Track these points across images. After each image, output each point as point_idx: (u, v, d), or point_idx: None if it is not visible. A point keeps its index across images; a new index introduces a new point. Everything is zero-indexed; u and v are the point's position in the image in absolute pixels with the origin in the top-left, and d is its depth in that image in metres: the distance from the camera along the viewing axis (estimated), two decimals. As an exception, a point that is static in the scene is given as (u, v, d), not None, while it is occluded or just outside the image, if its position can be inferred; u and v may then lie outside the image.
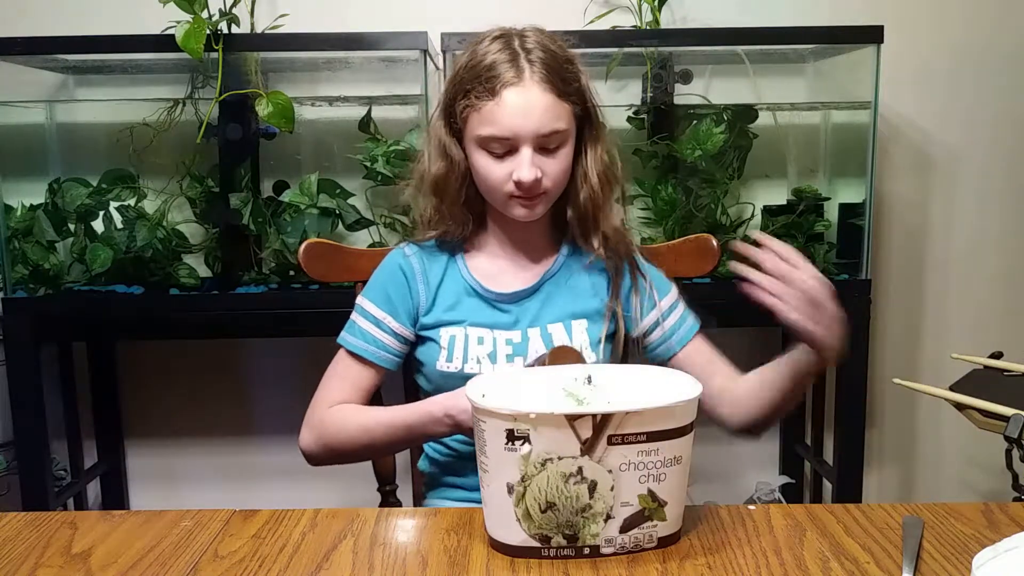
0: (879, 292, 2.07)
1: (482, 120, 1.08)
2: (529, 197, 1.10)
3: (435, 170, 1.15)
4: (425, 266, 1.19)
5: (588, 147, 1.15)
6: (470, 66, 1.09)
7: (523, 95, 1.06)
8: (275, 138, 1.85)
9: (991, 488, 2.13)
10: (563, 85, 1.08)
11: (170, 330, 1.81)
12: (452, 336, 1.15)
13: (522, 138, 1.07)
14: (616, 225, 1.19)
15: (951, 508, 0.91)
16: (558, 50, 1.10)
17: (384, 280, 1.19)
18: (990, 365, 1.35)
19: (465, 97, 1.09)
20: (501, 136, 1.07)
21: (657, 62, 1.85)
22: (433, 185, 1.16)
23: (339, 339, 1.18)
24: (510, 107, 1.06)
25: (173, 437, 2.11)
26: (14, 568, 0.82)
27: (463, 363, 1.15)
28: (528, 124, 1.06)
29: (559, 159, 1.10)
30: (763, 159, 1.90)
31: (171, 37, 1.60)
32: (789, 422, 2.10)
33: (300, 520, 0.91)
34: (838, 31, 1.77)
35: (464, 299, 1.18)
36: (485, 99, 1.07)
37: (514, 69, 1.07)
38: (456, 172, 1.14)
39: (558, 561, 0.81)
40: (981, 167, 2.06)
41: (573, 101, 1.10)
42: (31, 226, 1.78)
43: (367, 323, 1.17)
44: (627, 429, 0.78)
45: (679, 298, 1.22)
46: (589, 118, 1.15)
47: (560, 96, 1.08)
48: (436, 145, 1.15)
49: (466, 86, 1.09)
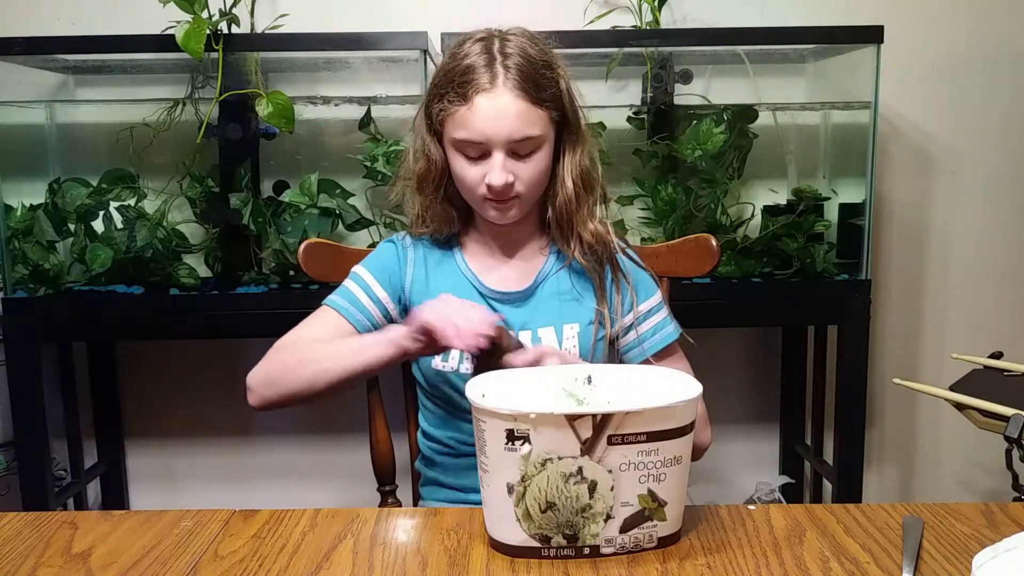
0: (879, 292, 2.07)
1: (456, 124, 1.09)
2: (501, 200, 1.10)
3: (418, 168, 1.17)
4: (423, 252, 1.21)
5: (566, 151, 1.15)
6: (447, 69, 1.10)
7: (495, 101, 1.06)
8: (275, 138, 1.85)
9: (991, 488, 2.13)
10: (538, 91, 1.08)
11: (170, 330, 1.81)
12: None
13: (494, 143, 1.07)
14: (595, 228, 1.18)
15: (951, 508, 0.91)
16: (538, 54, 1.10)
17: (380, 256, 1.21)
18: (990, 365, 1.35)
19: (440, 100, 1.10)
20: (473, 140, 1.08)
21: (657, 62, 1.85)
22: (417, 183, 1.17)
23: (325, 300, 1.18)
24: (482, 113, 1.06)
25: (173, 437, 2.11)
26: (14, 568, 0.82)
27: (459, 363, 1.15)
28: (499, 130, 1.07)
29: (533, 164, 1.10)
30: (763, 159, 1.90)
31: (171, 37, 1.60)
32: (789, 422, 2.10)
33: (300, 520, 0.91)
34: (838, 31, 1.77)
35: (459, 292, 1.16)
36: (458, 104, 1.07)
37: (488, 74, 1.07)
38: (435, 171, 1.15)
39: (558, 561, 0.81)
40: (981, 167, 2.06)
41: (549, 107, 1.10)
42: (31, 226, 1.78)
43: (355, 286, 1.17)
44: (627, 429, 0.78)
45: (661, 305, 1.21)
46: (568, 123, 1.14)
47: (534, 103, 1.08)
48: (419, 144, 1.16)
49: (442, 90, 1.10)
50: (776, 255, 1.84)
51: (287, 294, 1.78)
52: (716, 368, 2.10)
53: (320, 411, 2.05)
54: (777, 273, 1.84)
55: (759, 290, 1.81)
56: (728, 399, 2.12)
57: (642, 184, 1.85)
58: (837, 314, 1.82)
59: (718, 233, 1.75)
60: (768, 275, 1.84)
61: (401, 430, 1.36)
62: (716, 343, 2.08)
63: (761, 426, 2.13)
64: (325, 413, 2.05)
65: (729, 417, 2.12)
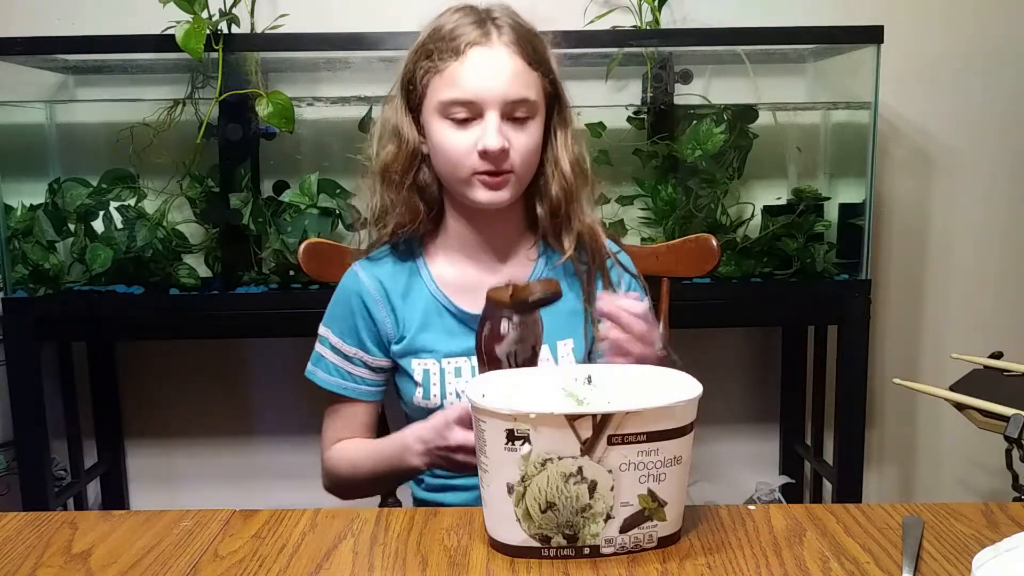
0: (879, 292, 2.07)
1: (444, 82, 1.00)
2: (495, 174, 1.00)
3: (383, 156, 1.07)
4: (384, 285, 1.10)
5: (557, 131, 1.07)
6: (432, 31, 1.02)
7: (490, 55, 0.98)
8: (275, 138, 1.85)
9: (991, 488, 2.13)
10: (533, 53, 1.01)
11: (170, 330, 1.81)
12: (426, 370, 1.08)
13: (488, 102, 0.98)
14: (590, 224, 1.11)
15: (951, 508, 0.91)
16: (525, 23, 1.04)
17: (344, 312, 1.11)
18: (990, 365, 1.35)
19: (428, 59, 1.01)
20: (464, 99, 0.99)
21: (657, 62, 1.84)
22: (381, 172, 1.08)
23: (308, 373, 1.13)
24: (475, 67, 0.98)
25: (173, 437, 2.11)
26: (14, 568, 0.81)
27: (441, 398, 1.08)
28: (495, 86, 0.98)
29: (528, 133, 1.01)
30: (763, 159, 1.90)
31: (171, 37, 1.60)
32: (789, 422, 2.10)
33: (300, 520, 0.91)
34: (838, 31, 1.77)
35: (433, 319, 1.09)
36: (448, 59, 0.99)
37: (480, 31, 1.00)
38: (405, 153, 1.05)
39: (558, 561, 0.81)
40: (981, 167, 2.05)
41: (543, 73, 1.02)
42: (31, 226, 1.78)
43: (337, 358, 1.11)
44: (627, 429, 0.78)
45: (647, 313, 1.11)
46: (559, 99, 1.06)
47: (530, 63, 1.00)
48: (387, 130, 1.07)
49: (428, 47, 1.01)
50: (776, 255, 1.84)
51: (287, 294, 1.78)
52: (716, 368, 2.10)
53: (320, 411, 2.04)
54: (777, 273, 1.84)
55: (759, 290, 1.81)
56: (728, 399, 2.12)
57: (642, 184, 1.85)
58: (837, 314, 1.83)
59: (718, 233, 1.74)
60: (768, 275, 1.84)
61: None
62: (716, 343, 2.08)
63: (761, 426, 2.13)
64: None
65: (729, 417, 2.12)
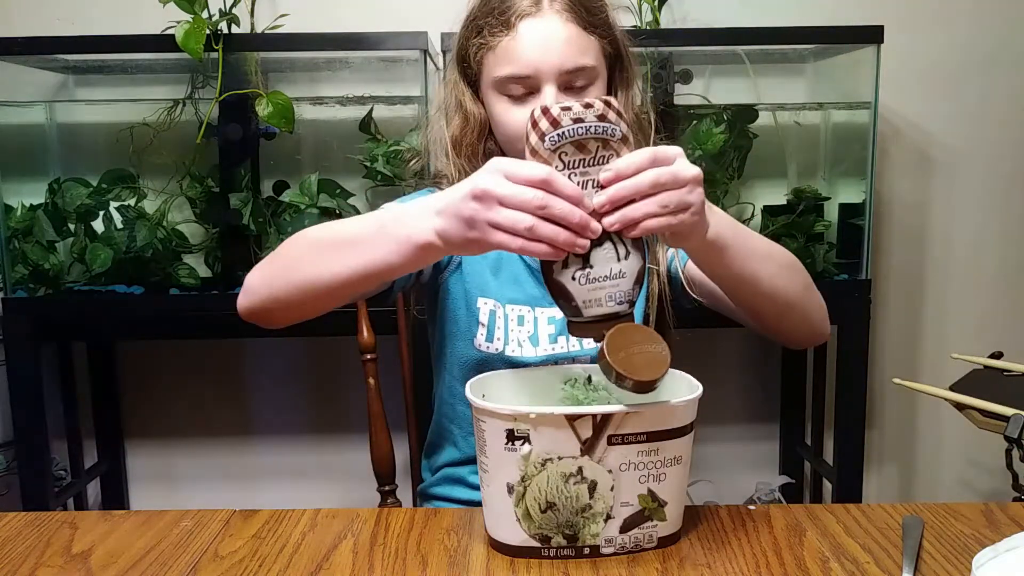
0: (879, 292, 2.07)
1: (498, 59, 0.97)
2: None
3: (452, 129, 1.04)
4: None
5: (619, 92, 1.03)
6: (481, 1, 0.99)
7: (542, 26, 0.94)
8: (275, 138, 1.85)
9: (991, 488, 2.13)
10: (589, 16, 0.96)
11: (170, 330, 1.81)
12: (492, 311, 1.03)
13: (543, 75, 0.95)
14: None
15: (951, 508, 0.91)
16: None
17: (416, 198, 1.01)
18: (990, 365, 1.35)
19: (479, 35, 0.98)
20: (519, 75, 0.95)
21: (657, 62, 1.84)
22: (452, 144, 1.04)
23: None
24: (528, 40, 0.94)
25: (173, 437, 2.11)
26: (14, 568, 0.82)
27: (504, 344, 1.03)
28: (549, 58, 0.94)
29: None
30: (763, 159, 1.90)
31: (171, 37, 1.60)
32: (789, 422, 2.10)
33: (300, 520, 0.91)
34: (838, 31, 1.77)
35: (500, 260, 1.04)
36: (500, 34, 0.96)
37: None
38: (474, 125, 1.02)
39: (558, 561, 0.81)
40: (982, 167, 2.05)
41: (601, 35, 0.98)
42: (31, 226, 1.78)
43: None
44: (627, 429, 0.78)
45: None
46: (620, 58, 1.02)
47: (586, 28, 0.96)
48: (452, 102, 1.04)
49: (479, 22, 0.98)
50: (776, 255, 1.83)
51: (287, 294, 1.77)
52: (716, 368, 2.10)
53: (320, 411, 2.05)
54: (777, 273, 1.84)
55: (759, 290, 1.81)
56: (728, 399, 2.12)
57: (642, 184, 1.85)
58: (837, 314, 1.82)
59: (718, 233, 1.74)
60: (768, 275, 1.83)
61: (401, 430, 1.36)
62: (716, 343, 2.08)
63: (761, 426, 2.13)
64: (325, 413, 2.05)
65: (729, 417, 2.12)
